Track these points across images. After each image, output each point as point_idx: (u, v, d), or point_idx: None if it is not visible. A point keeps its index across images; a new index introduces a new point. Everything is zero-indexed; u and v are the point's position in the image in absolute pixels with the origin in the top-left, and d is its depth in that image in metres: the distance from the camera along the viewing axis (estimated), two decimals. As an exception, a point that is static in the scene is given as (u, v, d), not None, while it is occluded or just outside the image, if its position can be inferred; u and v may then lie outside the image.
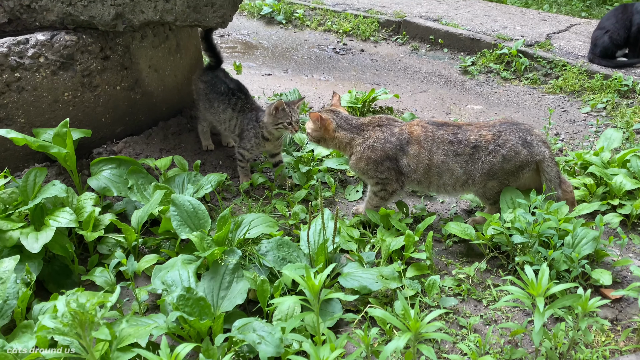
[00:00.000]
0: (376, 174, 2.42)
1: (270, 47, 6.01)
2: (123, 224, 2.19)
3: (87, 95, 2.61)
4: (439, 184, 2.43)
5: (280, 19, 6.71)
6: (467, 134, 2.37)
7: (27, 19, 2.52)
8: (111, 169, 2.45)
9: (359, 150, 2.43)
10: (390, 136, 2.40)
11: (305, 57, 5.66)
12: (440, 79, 4.99)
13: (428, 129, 2.41)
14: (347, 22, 6.27)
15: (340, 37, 6.13)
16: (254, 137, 2.74)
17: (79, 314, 1.20)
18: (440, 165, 2.37)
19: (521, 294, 1.62)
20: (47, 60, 2.43)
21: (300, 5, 6.86)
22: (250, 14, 7.06)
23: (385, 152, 2.39)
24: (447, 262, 2.32)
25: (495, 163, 2.32)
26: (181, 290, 1.75)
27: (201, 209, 2.20)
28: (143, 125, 2.94)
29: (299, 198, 2.71)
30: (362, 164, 2.42)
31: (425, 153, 2.37)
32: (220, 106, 2.82)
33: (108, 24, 2.51)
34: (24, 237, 2.00)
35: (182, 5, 2.47)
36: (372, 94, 3.82)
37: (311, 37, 6.28)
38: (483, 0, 7.08)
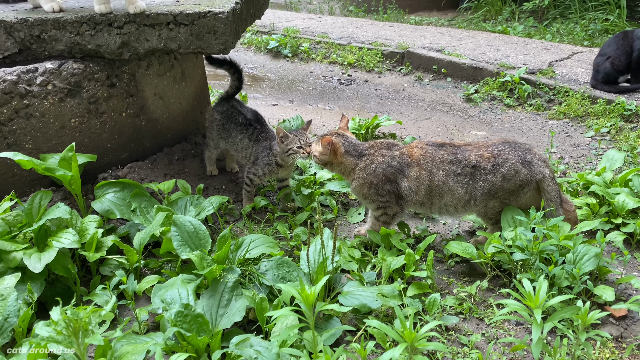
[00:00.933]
0: (377, 198, 2.44)
1: (276, 79, 6.14)
2: (125, 245, 2.23)
3: (94, 121, 2.68)
4: (441, 205, 2.44)
5: (287, 52, 6.88)
6: (466, 154, 2.40)
7: (36, 49, 2.63)
8: (115, 192, 2.50)
9: (361, 176, 2.46)
10: (391, 160, 2.44)
11: (310, 88, 5.78)
12: (443, 106, 5.05)
13: (427, 150, 2.44)
14: (352, 55, 6.41)
15: (345, 69, 6.25)
16: (267, 165, 2.79)
17: (73, 322, 1.22)
18: (442, 186, 2.38)
19: (519, 306, 1.61)
20: (55, 87, 2.52)
21: (306, 40, 7.04)
22: (257, 48, 7.25)
23: (386, 176, 2.42)
24: (449, 282, 2.32)
25: (495, 182, 2.34)
26: (179, 306, 1.77)
27: (202, 229, 2.23)
28: (148, 151, 3.00)
29: (301, 220, 2.73)
30: (365, 188, 2.45)
31: (426, 174, 2.40)
32: (237, 136, 2.89)
33: (114, 52, 2.60)
34: (27, 257, 2.03)
35: (186, 33, 2.56)
36: (375, 121, 3.88)
37: (316, 69, 6.42)
38: (486, 32, 7.22)
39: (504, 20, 8.04)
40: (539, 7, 7.84)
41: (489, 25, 7.68)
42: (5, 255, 2.06)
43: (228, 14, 2.54)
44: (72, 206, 2.57)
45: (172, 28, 2.54)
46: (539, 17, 7.96)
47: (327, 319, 2.00)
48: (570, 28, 7.21)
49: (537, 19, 7.90)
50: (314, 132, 4.21)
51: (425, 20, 8.31)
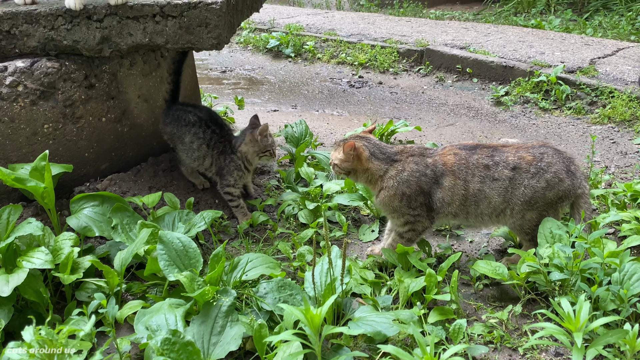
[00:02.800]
0: (408, 211, 2.45)
1: (277, 82, 6.22)
2: (105, 266, 2.25)
3: (69, 127, 2.74)
4: (477, 213, 2.47)
5: (289, 52, 6.97)
6: (504, 155, 2.43)
7: (6, 46, 2.70)
8: (93, 206, 2.54)
9: (392, 185, 2.45)
10: (425, 168, 2.46)
11: (316, 91, 5.84)
12: (469, 111, 5.09)
13: (461, 155, 2.47)
14: (363, 54, 6.49)
15: (355, 70, 6.33)
16: (236, 170, 2.92)
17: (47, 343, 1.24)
18: (477, 194, 2.41)
19: (557, 330, 1.61)
20: (26, 89, 2.58)
21: (310, 37, 7.14)
22: (255, 48, 7.36)
23: (420, 186, 2.43)
24: (477, 307, 2.32)
25: (538, 189, 2.37)
26: (166, 333, 1.79)
27: (192, 247, 2.25)
28: (131, 161, 3.05)
29: (305, 238, 2.76)
30: (396, 200, 2.45)
31: (461, 184, 2.42)
32: (193, 142, 2.96)
33: (93, 49, 2.67)
34: (-7, 279, 2.06)
35: (174, 26, 2.62)
36: (391, 126, 3.92)
37: (323, 70, 6.50)
38: (517, 26, 7.29)
39: (538, 13, 8.12)
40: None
41: (521, 19, 7.76)
42: (-31, 277, 2.09)
43: (221, 4, 2.61)
44: (45, 223, 2.61)
45: (159, 21, 2.61)
46: (578, 9, 8.04)
47: (336, 349, 2.01)
48: (614, 21, 7.26)
49: (576, 11, 7.97)
50: (321, 140, 4.26)
51: (447, 15, 8.40)
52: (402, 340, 2.09)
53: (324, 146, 4.17)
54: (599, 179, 3.32)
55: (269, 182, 3.38)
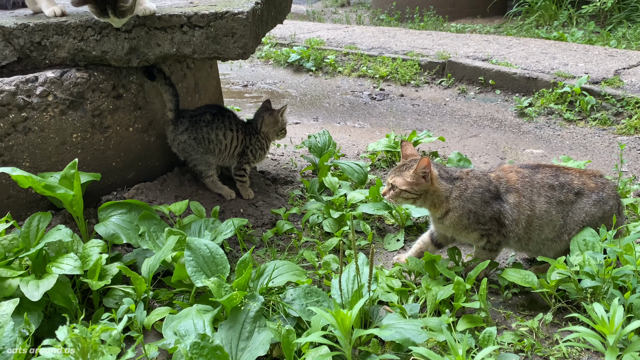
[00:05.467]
0: (479, 227, 2.42)
1: (298, 96, 6.27)
2: (133, 273, 2.27)
3: (97, 137, 2.78)
4: (539, 240, 2.43)
5: (310, 66, 7.03)
6: (569, 177, 2.42)
7: (37, 57, 2.76)
8: (121, 214, 2.57)
9: (458, 205, 2.40)
10: (488, 184, 2.43)
11: (337, 104, 5.87)
12: (492, 122, 5.07)
13: (524, 173, 2.45)
14: (384, 66, 6.51)
15: (376, 82, 6.35)
16: (260, 149, 3.24)
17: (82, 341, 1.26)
18: (543, 216, 2.38)
19: (589, 333, 1.59)
20: (56, 99, 2.63)
21: (331, 51, 7.20)
22: (276, 62, 7.43)
23: (485, 201, 2.40)
24: (506, 315, 2.30)
25: (595, 219, 2.37)
26: (195, 337, 1.79)
27: (219, 253, 2.27)
28: (157, 171, 3.08)
29: (330, 247, 2.76)
30: (464, 219, 2.41)
31: (526, 202, 2.39)
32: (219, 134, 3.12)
33: (121, 59, 2.72)
34: (24, 284, 2.09)
35: (201, 36, 2.66)
36: (414, 137, 3.92)
37: (344, 83, 6.54)
38: (539, 38, 7.27)
39: (560, 25, 8.09)
40: (600, 11, 7.88)
41: (543, 31, 7.74)
42: (1, 282, 2.12)
43: (248, 15, 2.64)
44: (73, 231, 2.65)
45: (186, 31, 2.65)
46: (601, 21, 7.99)
47: (364, 356, 2.00)
48: (638, 33, 7.21)
49: (598, 23, 7.93)
50: (343, 151, 4.27)
51: (468, 28, 8.42)
52: (431, 348, 2.07)
53: (346, 157, 4.18)
54: (627, 189, 3.28)
55: (293, 192, 3.40)
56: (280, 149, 4.36)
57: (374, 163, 3.94)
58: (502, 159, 4.18)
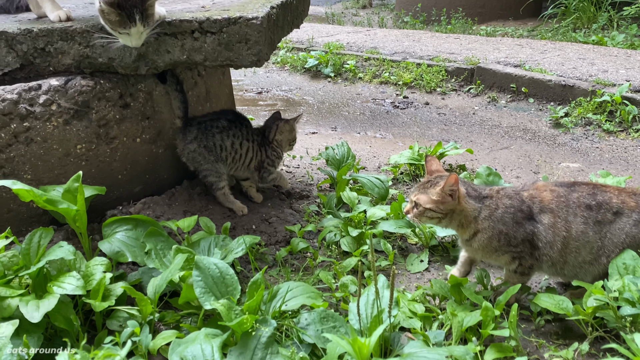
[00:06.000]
0: (510, 249, 2.40)
1: (315, 103, 6.30)
2: (138, 293, 2.30)
3: (103, 148, 2.83)
4: (575, 263, 2.40)
5: (328, 72, 7.07)
6: (607, 196, 2.40)
7: (40, 64, 2.82)
8: (126, 230, 2.60)
9: (488, 226, 2.39)
10: (520, 204, 2.42)
11: (357, 112, 5.89)
12: (525, 133, 5.05)
13: (559, 192, 2.44)
14: (408, 72, 6.53)
15: (399, 90, 6.36)
16: (277, 158, 3.37)
17: (84, 368, 1.27)
18: (580, 237, 2.36)
19: (631, 367, 1.57)
20: (59, 108, 2.68)
21: (351, 56, 7.23)
22: (292, 68, 7.49)
23: (517, 222, 2.39)
24: (538, 344, 2.28)
25: (637, 239, 2.34)
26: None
27: (229, 273, 2.28)
28: (165, 184, 3.12)
29: (348, 267, 2.76)
30: (494, 241, 2.40)
31: (562, 223, 2.38)
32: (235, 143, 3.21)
33: (129, 67, 2.76)
34: (24, 304, 2.12)
35: (213, 42, 2.70)
36: (439, 149, 3.92)
37: (365, 90, 6.56)
38: (576, 43, 7.24)
39: (599, 29, 8.05)
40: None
41: (580, 35, 7.70)
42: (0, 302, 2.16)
43: (262, 20, 2.68)
44: (76, 247, 2.68)
45: (198, 37, 2.69)
46: (645, 24, 7.94)
47: (384, 387, 1.99)
48: (685, 36, 7.15)
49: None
50: (363, 164, 4.28)
51: (500, 31, 8.41)
52: (456, 380, 2.06)
53: (366, 170, 4.19)
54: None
55: (309, 208, 3.41)
56: (296, 160, 4.38)
57: (396, 177, 3.94)
58: (535, 174, 4.16)
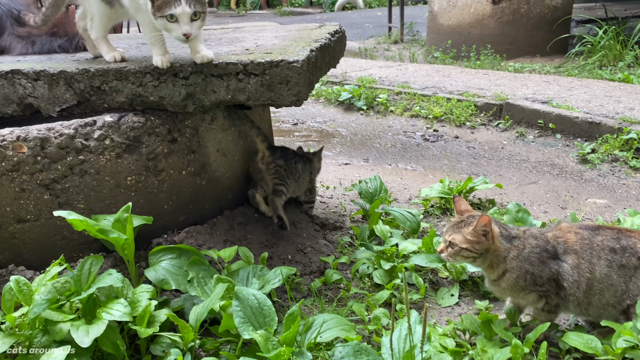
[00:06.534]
0: (536, 288, 2.38)
1: (348, 135, 6.33)
2: (180, 321, 2.32)
3: (151, 180, 2.88)
4: (599, 305, 2.36)
5: (361, 105, 7.10)
6: (631, 241, 2.36)
7: (96, 101, 2.90)
8: (171, 259, 2.64)
9: (516, 266, 2.36)
10: (545, 244, 2.40)
11: (389, 144, 5.90)
12: (553, 168, 4.99)
13: (583, 235, 2.40)
14: (438, 107, 6.52)
15: (430, 123, 6.36)
16: (314, 185, 3.71)
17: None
18: (604, 280, 2.33)
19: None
20: (112, 142, 2.75)
21: (383, 90, 7.26)
22: (327, 100, 7.54)
23: (543, 261, 2.37)
24: (567, 383, 2.23)
25: None
26: (242, 394, 1.81)
27: (267, 304, 2.29)
28: (207, 214, 3.16)
29: (380, 300, 2.74)
30: (521, 280, 2.37)
31: (586, 265, 2.34)
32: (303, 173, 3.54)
33: (178, 105, 2.82)
34: (75, 329, 2.16)
35: (256, 84, 2.75)
36: (469, 183, 3.89)
37: (396, 123, 6.57)
38: (602, 80, 7.15)
39: (626, 66, 7.94)
40: (670, 51, 7.72)
41: (607, 72, 7.61)
42: (52, 326, 2.20)
43: (302, 63, 2.72)
44: (123, 273, 2.73)
45: (242, 78, 2.74)
46: (671, 62, 7.81)
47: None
48: None
49: (668, 64, 7.76)
50: (395, 196, 4.27)
51: (527, 67, 8.36)
52: (486, 416, 2.03)
53: (398, 202, 4.18)
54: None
55: (342, 239, 3.41)
56: (330, 191, 4.40)
57: (427, 210, 3.93)
58: (563, 209, 4.09)
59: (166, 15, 2.41)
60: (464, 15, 9.51)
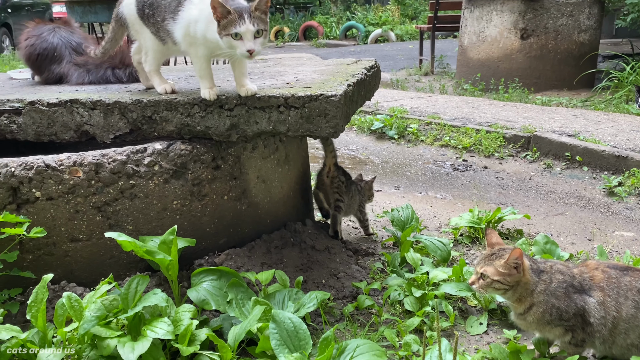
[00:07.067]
0: (562, 323, 2.32)
1: (380, 163, 6.32)
2: (220, 340, 2.33)
3: (195, 204, 2.93)
4: (624, 345, 2.30)
5: (392, 134, 7.11)
6: None
7: (147, 129, 2.97)
8: (212, 280, 2.66)
9: (543, 300, 2.31)
10: (571, 279, 2.35)
11: (419, 173, 5.88)
12: (579, 200, 4.90)
13: (610, 274, 2.35)
14: (468, 137, 6.48)
15: (459, 153, 6.32)
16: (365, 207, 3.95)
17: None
18: (630, 320, 2.26)
19: None
20: (161, 168, 2.81)
21: (414, 120, 7.26)
22: (359, 129, 7.57)
23: (570, 296, 2.32)
24: (596, 417, 2.16)
25: None
26: (278, 416, 1.81)
27: (302, 328, 2.29)
28: (246, 238, 3.18)
29: (411, 327, 2.72)
30: (547, 314, 2.32)
31: (611, 303, 2.29)
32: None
33: (222, 134, 2.87)
34: (121, 345, 2.19)
35: (296, 116, 2.78)
36: (498, 214, 3.85)
37: (426, 152, 6.55)
38: (629, 114, 7.03)
39: (652, 101, 7.78)
40: (696, 87, 7.54)
41: (633, 107, 7.47)
42: (100, 341, 2.24)
43: (340, 97, 2.75)
44: (167, 293, 2.76)
45: (283, 111, 2.78)
46: (698, 97, 7.63)
47: None
48: None
49: (694, 99, 7.57)
50: (425, 224, 4.24)
51: (554, 101, 8.27)
52: None
53: (428, 230, 4.15)
54: None
55: (374, 265, 3.40)
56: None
57: (456, 238, 3.89)
58: (590, 241, 4.01)
59: (231, 33, 2.45)
60: (493, 50, 9.48)
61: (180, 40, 2.71)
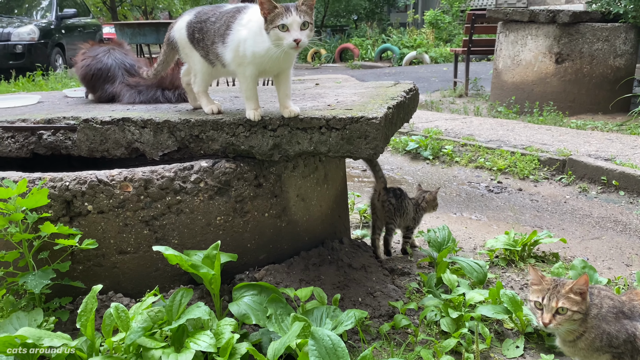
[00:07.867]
0: (611, 349, 2.23)
1: (414, 183, 6.27)
2: (260, 355, 2.33)
3: (237, 220, 2.94)
4: None
5: (427, 154, 7.05)
6: None
7: (193, 148, 3.02)
8: (252, 295, 2.67)
9: (595, 325, 2.21)
10: (621, 305, 2.27)
11: (453, 194, 5.80)
12: (616, 225, 4.76)
13: None
14: (502, 159, 6.39)
15: (494, 175, 6.22)
16: (420, 218, 4.00)
17: None
18: None
19: None
20: (206, 185, 2.84)
21: (449, 141, 7.19)
22: (394, 149, 7.54)
23: (620, 322, 2.23)
24: None
25: None
26: None
27: (340, 346, 2.26)
28: (285, 254, 3.18)
29: (447, 348, 2.66)
30: (598, 341, 2.23)
31: None
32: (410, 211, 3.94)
33: (265, 154, 2.90)
34: (165, 356, 2.21)
35: (336, 137, 2.79)
36: (534, 237, 3.76)
37: (460, 173, 6.47)
38: (667, 139, 6.82)
39: (690, 126, 7.56)
40: None
41: (671, 131, 7.27)
42: (145, 352, 2.26)
43: (381, 120, 2.74)
44: (209, 306, 2.77)
45: (324, 132, 2.79)
46: None
47: None
48: None
49: None
50: (460, 244, 4.18)
51: (589, 125, 8.09)
52: None
53: (463, 251, 4.08)
54: None
55: (410, 285, 3.35)
56: (397, 237, 4.34)
57: (492, 260, 3.81)
58: (628, 266, 3.88)
59: (278, 25, 2.47)
60: (527, 73, 9.36)
61: (229, 62, 2.76)
